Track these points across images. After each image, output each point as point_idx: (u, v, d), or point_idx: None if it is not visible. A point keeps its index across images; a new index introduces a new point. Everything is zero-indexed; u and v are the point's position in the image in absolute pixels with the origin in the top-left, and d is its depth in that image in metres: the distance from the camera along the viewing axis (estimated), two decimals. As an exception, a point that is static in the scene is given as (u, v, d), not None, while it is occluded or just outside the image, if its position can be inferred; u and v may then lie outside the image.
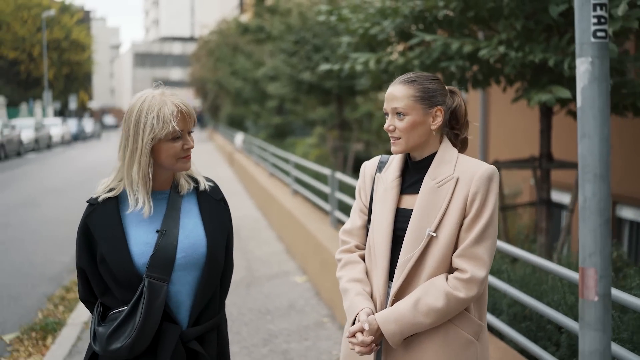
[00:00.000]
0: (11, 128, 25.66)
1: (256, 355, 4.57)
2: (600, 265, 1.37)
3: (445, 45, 4.97)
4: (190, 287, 2.06)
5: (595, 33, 1.33)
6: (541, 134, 6.10)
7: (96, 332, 2.00)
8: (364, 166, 2.31)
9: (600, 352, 1.40)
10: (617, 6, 4.27)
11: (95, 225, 2.04)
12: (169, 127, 1.97)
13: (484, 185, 2.01)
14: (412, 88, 2.08)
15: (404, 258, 2.05)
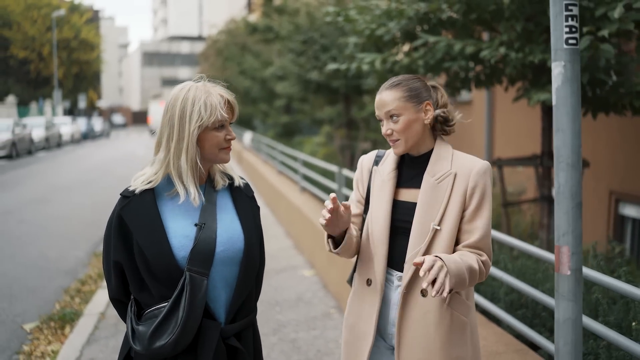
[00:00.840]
0: (22, 127, 25.97)
1: (266, 343, 4.77)
2: (573, 243, 1.55)
3: (448, 46, 5.15)
4: (227, 282, 2.04)
5: (567, 40, 1.52)
6: (543, 132, 6.25)
7: (136, 331, 1.96)
8: (362, 159, 2.43)
9: (572, 320, 1.59)
10: (614, 9, 4.42)
11: (132, 218, 1.99)
12: (217, 115, 1.98)
13: (481, 179, 2.14)
14: (398, 90, 2.20)
15: (413, 252, 2.14)
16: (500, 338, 3.29)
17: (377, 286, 2.22)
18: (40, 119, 31.23)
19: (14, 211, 11.40)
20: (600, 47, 4.48)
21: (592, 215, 8.55)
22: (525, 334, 3.16)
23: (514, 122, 10.20)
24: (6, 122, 24.92)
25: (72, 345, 4.89)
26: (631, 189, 7.82)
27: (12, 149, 23.73)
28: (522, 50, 4.93)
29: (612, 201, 8.33)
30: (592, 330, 2.35)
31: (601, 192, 8.39)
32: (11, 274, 7.13)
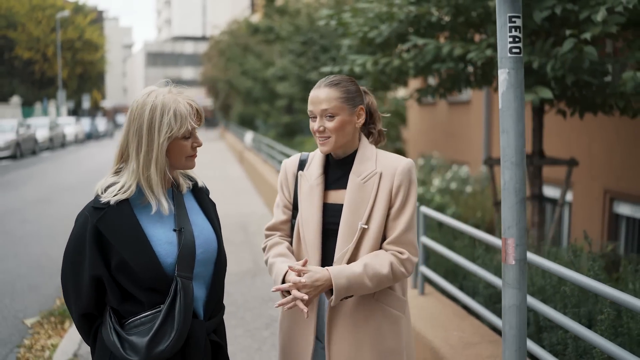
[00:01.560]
0: (26, 127, 26.18)
1: (258, 337, 4.92)
2: (517, 235, 1.69)
3: (437, 49, 5.28)
4: (204, 282, 2.07)
5: (511, 49, 1.65)
6: (533, 132, 6.37)
7: (127, 342, 1.93)
8: (285, 164, 2.45)
9: (517, 306, 1.72)
10: (597, 12, 4.54)
11: (111, 230, 1.94)
12: (187, 125, 1.97)
13: (406, 177, 2.21)
14: (337, 90, 2.23)
15: (341, 252, 2.20)
16: (477, 330, 3.44)
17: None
18: (44, 120, 31.45)
19: (17, 211, 11.58)
20: (584, 50, 4.60)
21: (587, 213, 8.66)
22: (499, 326, 3.30)
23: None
24: (10, 122, 25.16)
25: (71, 339, 5.04)
26: (626, 188, 7.90)
27: (16, 149, 23.94)
28: (508, 52, 5.05)
29: (607, 200, 8.43)
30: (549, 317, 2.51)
31: (596, 190, 8.49)
32: (14, 271, 7.29)
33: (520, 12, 1.67)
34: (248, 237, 8.79)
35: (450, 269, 4.47)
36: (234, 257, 7.42)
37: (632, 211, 8.03)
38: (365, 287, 2.12)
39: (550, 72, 4.77)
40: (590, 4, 4.67)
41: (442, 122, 13.54)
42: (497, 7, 1.64)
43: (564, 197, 6.40)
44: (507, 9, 1.64)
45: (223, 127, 45.77)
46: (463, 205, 8.87)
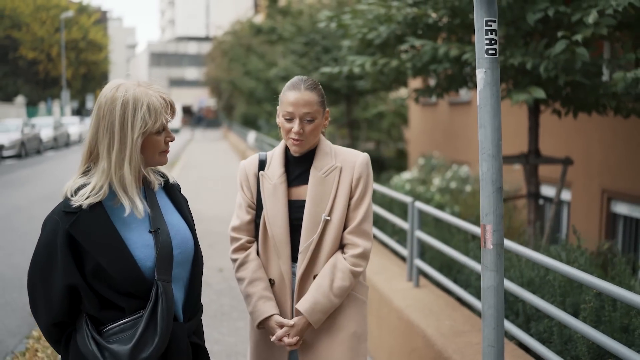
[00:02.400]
0: (31, 127, 26.39)
1: (259, 329, 5.07)
2: (494, 222, 1.83)
3: (434, 50, 5.43)
4: (182, 283, 2.01)
5: (487, 51, 1.79)
6: (529, 131, 6.50)
7: (108, 351, 1.83)
8: (244, 165, 2.51)
9: (494, 287, 1.87)
10: (588, 14, 4.68)
11: (85, 235, 1.82)
12: (162, 120, 1.89)
13: (364, 170, 2.36)
14: (315, 94, 2.34)
15: (305, 244, 2.32)
16: (467, 320, 3.59)
17: (285, 284, 2.38)
18: (49, 119, 31.69)
19: (23, 208, 11.76)
20: (576, 51, 4.75)
21: (585, 212, 8.79)
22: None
23: (511, 122, 10.44)
24: (15, 122, 25.38)
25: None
26: (623, 188, 8.02)
27: (21, 148, 24.14)
28: (503, 53, 5.20)
29: (605, 199, 8.55)
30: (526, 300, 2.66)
31: (594, 190, 8.61)
32: (21, 266, 7.46)
33: (495, 16, 1.82)
34: (250, 235, 8.96)
35: (445, 263, 4.62)
36: (236, 253, 7.59)
37: (630, 210, 8.14)
38: (335, 305, 2.31)
39: (543, 72, 4.91)
40: (582, 7, 4.81)
41: (443, 123, 13.69)
42: (475, 12, 1.80)
43: (559, 195, 6.54)
44: (483, 14, 1.80)
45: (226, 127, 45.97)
46: (462, 204, 9.01)
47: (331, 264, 2.32)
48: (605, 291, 2.42)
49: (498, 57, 1.79)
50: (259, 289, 2.36)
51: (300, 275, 2.35)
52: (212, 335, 5.04)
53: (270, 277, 2.41)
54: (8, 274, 7.14)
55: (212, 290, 6.34)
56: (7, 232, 9.49)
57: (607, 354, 2.85)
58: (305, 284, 2.36)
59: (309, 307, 2.28)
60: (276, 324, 2.32)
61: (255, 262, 2.41)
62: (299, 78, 2.38)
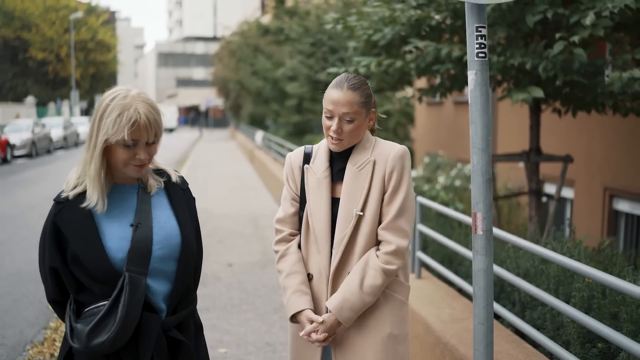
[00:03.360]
0: (42, 126, 26.70)
1: (267, 320, 5.28)
2: (484, 210, 2.00)
3: (437, 51, 5.60)
4: (167, 277, 2.05)
5: (477, 54, 1.97)
6: (530, 129, 6.66)
7: (74, 329, 1.96)
8: (290, 157, 2.49)
9: (484, 270, 2.05)
10: (586, 16, 4.85)
11: (66, 224, 1.98)
12: (120, 136, 1.92)
13: (398, 163, 2.26)
14: (358, 95, 2.26)
15: (338, 237, 2.29)
16: (466, 308, 3.78)
17: (323, 279, 2.33)
18: (59, 119, 31.99)
19: (37, 206, 12.00)
20: (574, 51, 4.91)
21: (588, 210, 8.92)
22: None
23: (514, 121, 10.58)
24: (26, 122, 25.69)
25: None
26: (624, 185, 8.14)
27: (32, 148, 24.43)
28: (503, 54, 5.36)
29: (607, 197, 8.67)
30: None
31: (596, 188, 8.74)
32: (36, 262, 7.66)
33: (485, 22, 2.00)
34: (258, 231, 9.15)
35: (446, 256, 4.80)
36: (244, 248, 7.79)
37: (631, 208, 8.26)
38: (367, 303, 2.25)
39: (542, 72, 5.07)
40: (580, 9, 4.97)
41: (448, 122, 13.84)
42: (467, 19, 1.99)
43: (559, 192, 6.69)
44: (474, 21, 1.98)
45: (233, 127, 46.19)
46: (466, 202, 9.16)
47: (363, 261, 2.27)
48: (593, 277, 2.60)
49: (487, 59, 1.97)
50: (295, 282, 2.33)
51: (334, 270, 2.31)
52: (222, 326, 5.23)
53: (309, 271, 2.38)
54: (24, 268, 7.36)
55: (222, 284, 6.54)
56: (21, 229, 9.72)
57: (595, 338, 3.02)
58: (338, 280, 2.32)
59: (338, 304, 2.24)
60: (307, 319, 2.28)
61: (295, 256, 2.39)
62: (344, 76, 2.31)
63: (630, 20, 5.21)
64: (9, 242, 8.77)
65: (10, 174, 18.00)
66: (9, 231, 9.55)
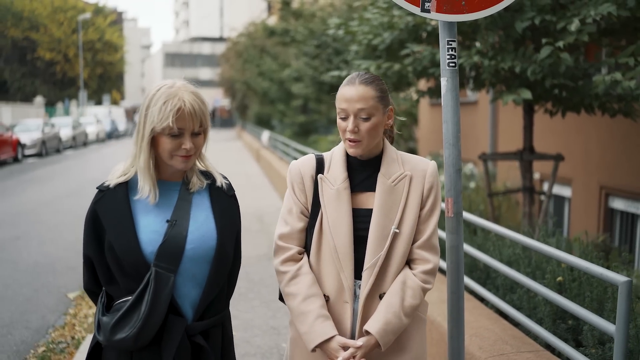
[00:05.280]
0: (51, 126, 27.17)
1: (272, 307, 5.65)
2: (454, 195, 2.33)
3: (432, 55, 5.95)
4: (197, 280, 2.00)
5: (448, 64, 2.31)
6: (524, 129, 6.99)
7: (100, 322, 1.96)
8: (298, 167, 2.25)
9: (456, 247, 2.38)
10: (571, 22, 5.18)
11: (104, 212, 1.98)
12: (165, 123, 1.91)
13: (435, 180, 2.17)
14: (372, 88, 2.10)
15: (373, 260, 2.09)
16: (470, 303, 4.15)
17: (342, 300, 2.14)
18: (68, 119, 32.47)
19: (49, 203, 12.41)
20: (561, 56, 5.24)
21: (584, 208, 9.20)
22: (476, 290, 3.98)
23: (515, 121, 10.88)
24: (36, 121, 26.17)
25: (110, 309, 5.77)
26: (620, 184, 8.39)
27: (42, 147, 24.89)
28: (494, 58, 5.70)
29: (603, 195, 8.94)
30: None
31: (592, 186, 9.01)
32: (53, 254, 8.08)
33: (455, 37, 2.36)
34: (264, 227, 9.53)
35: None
36: (251, 243, 8.20)
37: (626, 206, 8.52)
38: (405, 325, 2.13)
39: (530, 75, 5.41)
40: (567, 15, 5.30)
41: (450, 122, 14.11)
42: (440, 33, 2.34)
43: (551, 189, 7.02)
44: (446, 35, 2.34)
45: (240, 127, 46.56)
46: (466, 200, 9.46)
47: (400, 281, 2.11)
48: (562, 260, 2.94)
49: (457, 68, 2.32)
50: (316, 307, 2.10)
51: (367, 294, 2.12)
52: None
53: (325, 292, 2.16)
54: (42, 261, 7.75)
55: (229, 276, 6.90)
56: (37, 225, 10.12)
57: (566, 316, 3.37)
58: (371, 304, 2.13)
59: (381, 328, 2.06)
60: (339, 345, 2.08)
61: (310, 276, 2.15)
62: (356, 73, 2.17)
63: (616, 25, 5.54)
64: (25, 236, 9.17)
65: (22, 173, 18.45)
66: (25, 226, 9.95)
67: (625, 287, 2.39)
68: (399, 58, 6.82)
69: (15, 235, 9.25)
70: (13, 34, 46.60)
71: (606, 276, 2.53)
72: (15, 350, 4.95)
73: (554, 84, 5.73)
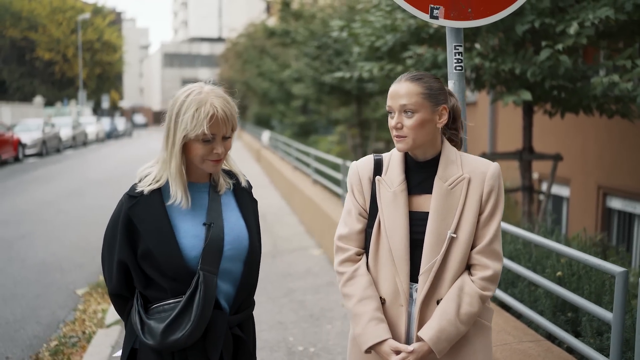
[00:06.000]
0: (51, 126, 27.27)
1: (278, 303, 5.77)
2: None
3: (434, 56, 6.08)
4: (232, 278, 2.08)
5: (455, 67, 2.45)
6: (523, 130, 7.12)
7: (146, 325, 2.00)
8: (357, 167, 2.26)
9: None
10: (570, 26, 5.31)
11: (140, 218, 2.01)
12: (200, 130, 1.94)
13: (496, 182, 2.09)
14: (419, 85, 2.08)
15: (428, 264, 2.06)
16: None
17: (398, 304, 2.13)
18: (68, 119, 32.59)
19: (52, 202, 12.52)
20: (560, 58, 5.38)
21: (583, 207, 9.34)
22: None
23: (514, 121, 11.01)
24: (37, 121, 26.29)
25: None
26: (617, 184, 8.54)
27: (42, 147, 25.00)
28: (495, 60, 5.84)
29: (600, 195, 9.08)
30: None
31: (590, 186, 9.16)
32: (59, 253, 8.20)
33: (462, 42, 2.50)
34: (267, 225, 9.67)
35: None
36: (255, 241, 8.31)
37: (623, 205, 8.66)
38: (462, 333, 2.08)
39: (530, 77, 5.55)
40: (566, 19, 5.44)
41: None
42: (447, 38, 2.48)
43: (549, 189, 7.16)
44: (453, 40, 2.47)
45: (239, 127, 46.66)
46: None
47: (457, 287, 2.07)
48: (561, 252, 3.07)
49: (464, 71, 2.47)
50: (370, 309, 2.12)
51: (422, 299, 2.09)
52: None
53: (381, 295, 2.16)
54: (48, 259, 7.87)
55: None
56: (41, 224, 10.24)
57: (565, 308, 3.51)
58: (427, 309, 2.10)
59: (434, 335, 2.04)
60: (391, 349, 2.08)
61: (366, 278, 2.17)
62: (406, 72, 2.17)
63: (614, 29, 5.68)
64: (30, 235, 9.30)
65: (24, 172, 18.55)
66: (29, 225, 10.07)
67: (621, 277, 2.52)
68: (400, 60, 6.95)
69: (21, 234, 9.37)
70: (12, 34, 46.65)
71: (603, 267, 2.66)
72: (28, 345, 5.08)
73: (553, 85, 5.86)
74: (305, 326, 5.14)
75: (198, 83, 2.04)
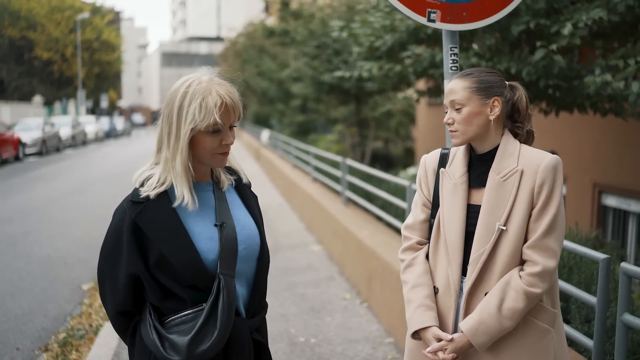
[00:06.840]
0: (51, 125, 27.39)
1: (279, 297, 5.93)
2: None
3: (432, 56, 6.23)
4: (246, 280, 1.98)
5: (451, 67, 2.60)
6: (520, 128, 7.27)
7: (168, 341, 1.85)
8: (425, 159, 2.31)
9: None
10: (564, 26, 5.46)
11: (150, 225, 1.85)
12: (210, 119, 1.83)
13: (550, 175, 2.03)
14: (467, 80, 2.12)
15: (476, 254, 2.07)
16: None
17: (451, 295, 2.15)
18: (67, 118, 32.71)
19: (55, 200, 12.66)
20: (554, 58, 5.52)
21: (578, 204, 9.49)
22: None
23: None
24: (37, 121, 26.39)
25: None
26: (612, 181, 8.68)
27: (42, 146, 25.09)
28: (491, 60, 5.99)
29: (596, 192, 9.22)
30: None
31: (586, 184, 9.30)
32: (64, 248, 8.34)
33: (457, 44, 2.64)
34: (268, 222, 9.71)
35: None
36: (255, 238, 8.47)
37: (618, 203, 8.80)
38: (507, 328, 2.05)
39: (525, 76, 5.69)
40: (560, 20, 5.59)
41: (447, 121, 14.40)
42: (443, 40, 2.63)
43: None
44: (449, 42, 2.63)
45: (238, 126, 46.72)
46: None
47: (504, 281, 2.04)
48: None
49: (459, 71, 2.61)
50: (420, 296, 2.17)
51: (469, 289, 2.11)
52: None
53: (436, 284, 2.20)
54: (53, 254, 8.01)
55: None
56: (45, 221, 10.38)
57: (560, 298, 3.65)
58: (474, 301, 2.10)
59: (472, 326, 2.05)
60: (433, 337, 2.11)
61: (422, 267, 2.23)
62: (465, 70, 2.20)
63: (607, 29, 5.82)
64: (35, 231, 9.43)
65: (25, 171, 18.68)
66: (33, 222, 10.21)
67: (604, 263, 2.68)
68: (399, 59, 7.10)
69: (25, 230, 9.51)
70: (10, 33, 46.69)
71: (589, 255, 2.83)
72: (37, 337, 5.23)
73: (548, 84, 6.01)
74: (307, 318, 5.30)
75: (193, 74, 1.95)
